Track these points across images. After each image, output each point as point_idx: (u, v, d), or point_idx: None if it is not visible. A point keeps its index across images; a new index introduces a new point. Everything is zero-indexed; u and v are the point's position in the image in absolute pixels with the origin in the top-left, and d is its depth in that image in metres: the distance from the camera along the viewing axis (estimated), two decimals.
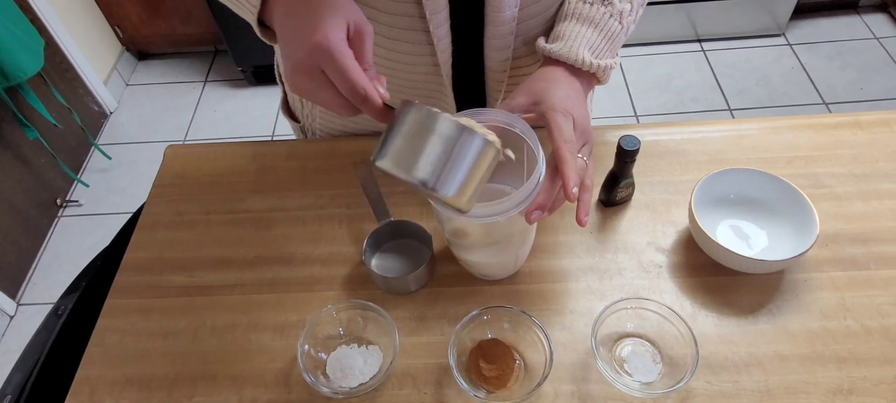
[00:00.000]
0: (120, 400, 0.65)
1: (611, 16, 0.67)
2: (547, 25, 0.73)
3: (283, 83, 0.93)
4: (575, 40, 0.66)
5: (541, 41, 0.69)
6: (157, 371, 0.67)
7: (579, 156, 0.59)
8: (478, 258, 0.67)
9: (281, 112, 0.94)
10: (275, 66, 0.93)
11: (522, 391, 0.62)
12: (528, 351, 0.65)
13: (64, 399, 0.66)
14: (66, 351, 0.74)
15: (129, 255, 0.78)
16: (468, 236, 0.63)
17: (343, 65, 0.49)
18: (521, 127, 0.59)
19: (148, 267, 0.76)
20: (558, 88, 0.63)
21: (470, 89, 0.79)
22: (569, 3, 0.69)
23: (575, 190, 0.55)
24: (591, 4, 0.67)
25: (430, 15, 0.66)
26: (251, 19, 0.58)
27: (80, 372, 0.68)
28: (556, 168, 0.57)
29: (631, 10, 0.68)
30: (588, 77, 0.67)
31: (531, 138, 0.58)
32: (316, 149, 0.88)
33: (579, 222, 0.59)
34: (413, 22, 0.68)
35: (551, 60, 0.67)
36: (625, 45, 0.69)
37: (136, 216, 0.84)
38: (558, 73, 0.65)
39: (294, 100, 0.92)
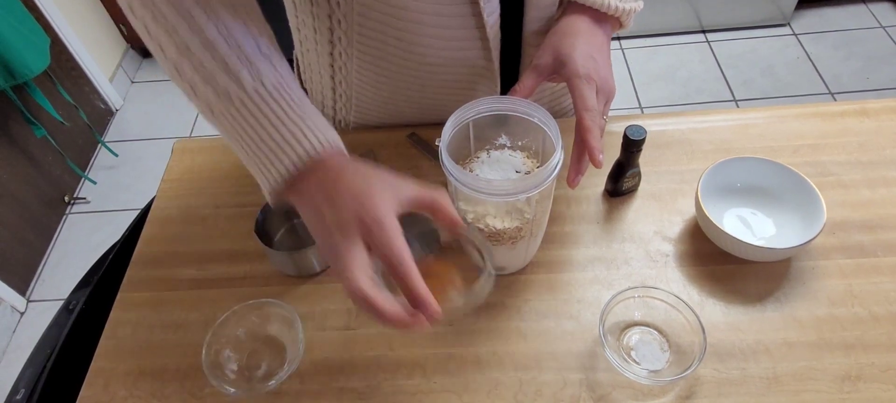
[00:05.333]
0: (134, 392, 0.66)
1: None
2: None
3: (300, 77, 0.89)
4: None
5: None
6: (170, 362, 0.68)
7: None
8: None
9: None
10: (293, 61, 0.91)
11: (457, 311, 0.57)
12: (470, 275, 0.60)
13: (77, 392, 0.67)
14: (78, 345, 0.75)
15: (140, 249, 0.79)
16: (488, 226, 0.63)
17: (389, 241, 0.45)
18: (541, 116, 0.61)
19: (159, 260, 0.77)
20: (583, 48, 0.63)
21: (507, 62, 0.79)
22: None
23: (601, 156, 0.58)
24: None
25: (484, 3, 0.66)
26: (264, 190, 0.53)
27: (94, 365, 0.69)
28: (581, 137, 0.59)
29: None
30: (611, 22, 0.68)
31: (551, 127, 0.60)
32: None
33: (572, 182, 0.61)
34: (463, 8, 0.67)
35: (576, 7, 0.67)
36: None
37: (145, 210, 0.84)
38: (582, 25, 0.66)
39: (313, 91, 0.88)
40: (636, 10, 0.68)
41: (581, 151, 0.60)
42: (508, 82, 0.77)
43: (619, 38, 2.48)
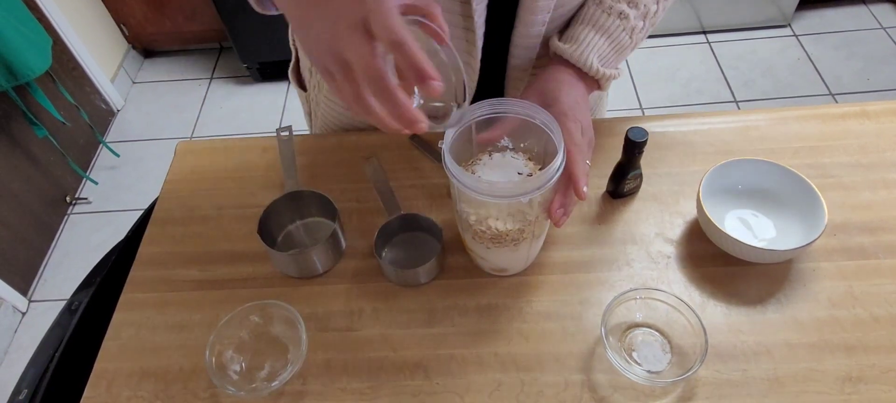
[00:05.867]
0: (137, 392, 0.66)
1: (624, 30, 0.70)
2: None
3: (296, 47, 0.90)
4: (587, 46, 0.69)
5: (554, 39, 0.71)
6: (173, 363, 0.68)
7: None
8: (494, 255, 0.68)
9: (290, 77, 0.93)
10: (290, 37, 0.91)
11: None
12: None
13: (80, 393, 0.67)
14: (81, 346, 0.75)
15: (144, 250, 0.79)
16: (490, 228, 0.64)
17: (398, 34, 0.43)
18: (543, 117, 0.61)
19: (162, 261, 0.77)
20: (567, 92, 0.66)
21: (490, 83, 0.80)
22: (587, 8, 0.71)
23: (585, 189, 0.60)
24: (608, 15, 0.69)
25: (476, 4, 0.67)
26: None
27: (98, 366, 0.69)
28: (568, 170, 0.60)
29: (642, 28, 0.71)
30: (591, 82, 0.71)
31: (553, 129, 0.60)
32: (326, 144, 0.89)
33: (556, 223, 0.62)
34: (454, 5, 0.68)
35: (561, 60, 0.70)
36: None
37: (148, 211, 0.84)
38: (566, 76, 0.69)
39: (305, 66, 0.90)
40: (615, 77, 0.72)
41: (567, 185, 0.61)
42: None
43: None
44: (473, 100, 0.78)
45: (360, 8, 0.44)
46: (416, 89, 0.56)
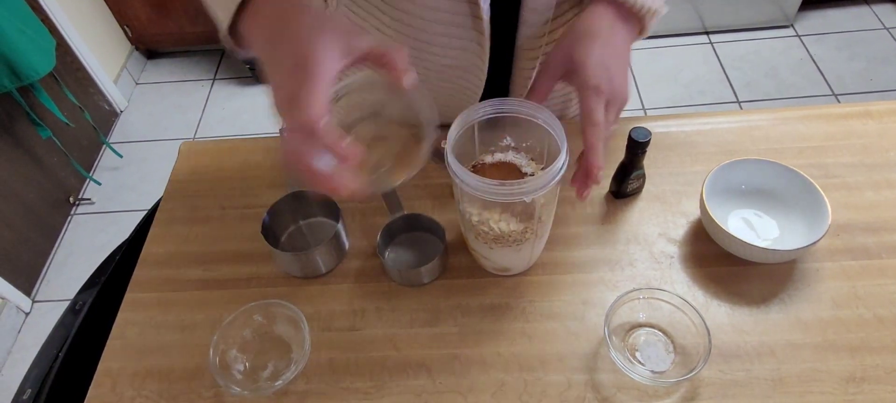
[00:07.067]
0: (141, 391, 0.66)
1: None
2: None
3: None
4: None
5: None
6: (177, 363, 0.68)
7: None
8: (497, 254, 0.68)
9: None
10: None
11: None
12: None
13: (84, 393, 0.67)
14: (85, 346, 0.76)
15: (147, 250, 0.79)
16: (492, 228, 0.64)
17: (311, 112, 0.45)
18: (544, 117, 0.61)
19: (165, 261, 0.77)
20: (597, 51, 0.59)
21: (497, 75, 0.78)
22: None
23: (600, 173, 0.57)
24: None
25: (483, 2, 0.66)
26: (222, 22, 0.53)
27: (102, 365, 0.69)
28: (584, 152, 0.58)
29: None
30: (633, 23, 0.63)
31: (556, 129, 0.60)
32: None
33: (580, 196, 0.60)
34: (461, 6, 0.67)
35: (599, 1, 0.62)
36: None
37: (152, 211, 0.85)
38: (602, 23, 0.61)
39: None
40: (660, 13, 0.63)
41: (585, 170, 0.59)
42: (494, 86, 0.77)
43: None
44: (484, 93, 0.77)
45: (299, 78, 0.46)
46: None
